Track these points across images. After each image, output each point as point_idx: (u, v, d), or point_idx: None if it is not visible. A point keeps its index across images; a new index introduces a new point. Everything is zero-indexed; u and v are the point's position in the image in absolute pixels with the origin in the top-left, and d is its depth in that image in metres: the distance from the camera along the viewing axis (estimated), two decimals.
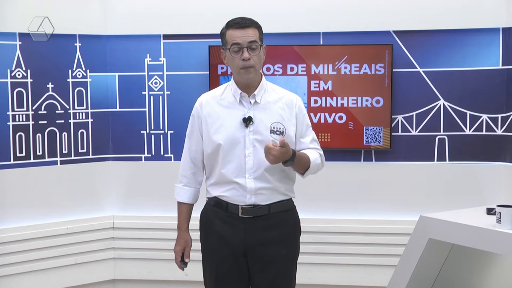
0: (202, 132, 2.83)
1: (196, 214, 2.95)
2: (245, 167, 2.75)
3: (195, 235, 2.94)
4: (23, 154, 4.30)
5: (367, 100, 4.39)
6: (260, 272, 2.78)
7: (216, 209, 2.81)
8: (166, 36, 4.57)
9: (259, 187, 2.75)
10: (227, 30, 2.76)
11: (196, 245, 2.93)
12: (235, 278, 2.80)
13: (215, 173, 2.81)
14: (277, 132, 2.75)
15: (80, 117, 4.51)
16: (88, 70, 4.52)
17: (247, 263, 2.79)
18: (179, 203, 2.93)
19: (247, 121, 2.75)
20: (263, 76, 2.84)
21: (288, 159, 2.65)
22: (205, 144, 2.82)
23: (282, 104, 2.81)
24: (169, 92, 4.59)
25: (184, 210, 2.92)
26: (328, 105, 4.42)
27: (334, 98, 4.41)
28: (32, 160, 4.33)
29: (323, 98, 4.42)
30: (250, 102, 2.78)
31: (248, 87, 2.78)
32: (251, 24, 2.74)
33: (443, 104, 4.39)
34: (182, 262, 2.91)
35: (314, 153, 2.81)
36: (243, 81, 2.76)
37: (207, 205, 2.88)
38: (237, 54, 2.72)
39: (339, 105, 4.42)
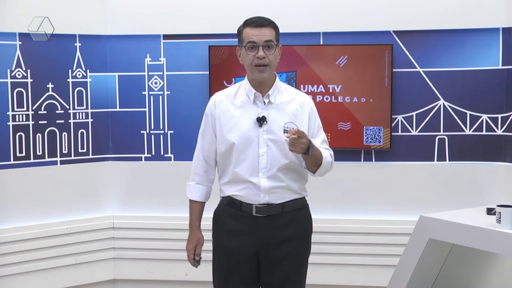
0: (216, 130, 2.84)
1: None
2: (258, 166, 2.76)
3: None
4: (23, 154, 4.30)
5: (367, 100, 4.39)
6: (272, 269, 2.79)
7: (230, 208, 2.83)
8: (166, 36, 4.57)
9: (273, 186, 2.76)
10: (244, 28, 2.78)
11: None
12: (246, 276, 2.81)
13: (229, 172, 2.82)
14: None
15: (80, 117, 4.51)
16: (88, 70, 4.52)
17: (259, 261, 2.80)
18: (191, 201, 2.96)
19: (261, 120, 2.76)
20: (277, 76, 2.86)
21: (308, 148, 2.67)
22: (218, 142, 2.83)
23: (295, 104, 2.82)
24: (169, 92, 4.59)
25: (196, 208, 2.94)
26: (328, 105, 4.41)
27: (334, 98, 4.41)
28: (32, 160, 4.33)
29: (323, 98, 4.42)
30: (264, 102, 2.80)
31: (262, 87, 2.80)
32: (268, 24, 2.77)
33: (443, 104, 4.39)
34: (194, 260, 2.93)
35: (325, 151, 2.82)
36: (256, 78, 2.77)
37: (221, 204, 2.89)
38: (252, 52, 2.74)
39: (339, 105, 4.42)
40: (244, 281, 2.81)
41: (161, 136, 4.62)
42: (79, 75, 4.49)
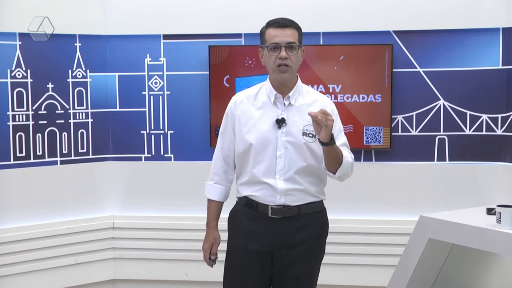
0: (235, 130, 2.83)
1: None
2: (275, 168, 2.75)
3: (198, 235, 2.94)
4: (23, 154, 4.30)
5: (367, 100, 4.39)
6: (284, 271, 2.79)
7: (246, 208, 2.82)
8: (166, 36, 4.56)
9: (289, 188, 2.75)
10: (267, 29, 2.77)
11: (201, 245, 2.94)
12: (258, 277, 2.80)
13: (246, 172, 2.81)
14: (310, 135, 2.73)
15: (80, 117, 4.51)
16: (88, 70, 4.52)
17: (272, 262, 2.80)
18: (209, 201, 2.94)
19: (280, 122, 2.75)
20: (299, 78, 2.84)
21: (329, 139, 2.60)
22: (237, 143, 2.82)
23: (316, 107, 2.77)
24: (169, 92, 4.59)
25: (214, 207, 2.93)
26: None
27: (334, 98, 4.41)
28: (32, 160, 4.33)
29: None
30: (284, 104, 2.78)
31: (283, 88, 2.78)
32: (291, 25, 2.77)
33: (443, 104, 4.39)
34: (210, 259, 2.92)
35: (345, 152, 2.77)
36: (278, 79, 2.76)
37: (237, 205, 2.89)
38: (275, 52, 2.73)
39: (339, 105, 4.41)
40: (256, 282, 2.80)
41: (161, 136, 4.62)
42: (79, 75, 4.49)
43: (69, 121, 4.47)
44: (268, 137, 2.76)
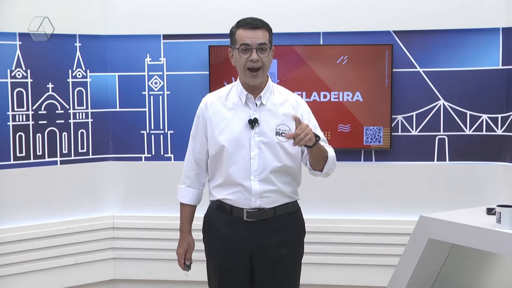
0: (207, 132, 2.80)
1: (199, 214, 2.94)
2: (250, 169, 2.71)
3: (196, 234, 2.93)
4: (23, 154, 4.30)
5: (367, 100, 4.39)
6: (266, 274, 2.76)
7: (220, 212, 2.78)
8: (166, 36, 4.57)
9: (264, 190, 2.72)
10: (237, 30, 2.72)
11: (198, 245, 2.92)
12: (240, 281, 2.78)
13: (220, 174, 2.77)
14: (283, 134, 2.71)
15: (80, 117, 4.51)
16: (88, 70, 4.52)
17: (252, 265, 2.77)
18: (182, 205, 2.90)
19: (253, 122, 2.72)
20: (269, 78, 2.82)
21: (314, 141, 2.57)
22: (209, 145, 2.79)
23: (287, 105, 2.77)
24: (169, 92, 4.59)
25: (187, 211, 2.89)
26: (328, 105, 4.41)
27: (334, 98, 4.41)
28: (32, 160, 4.33)
29: (323, 98, 4.42)
30: (256, 104, 2.76)
31: (254, 89, 2.76)
32: (262, 26, 2.71)
33: (443, 104, 4.39)
34: (185, 264, 2.90)
35: (327, 147, 2.75)
36: (248, 83, 2.74)
37: (210, 208, 2.85)
38: (246, 54, 2.69)
39: (339, 105, 4.42)
40: (238, 286, 2.78)
41: (161, 136, 4.62)
42: (79, 75, 4.50)
43: (69, 121, 4.47)
44: (241, 138, 2.72)
